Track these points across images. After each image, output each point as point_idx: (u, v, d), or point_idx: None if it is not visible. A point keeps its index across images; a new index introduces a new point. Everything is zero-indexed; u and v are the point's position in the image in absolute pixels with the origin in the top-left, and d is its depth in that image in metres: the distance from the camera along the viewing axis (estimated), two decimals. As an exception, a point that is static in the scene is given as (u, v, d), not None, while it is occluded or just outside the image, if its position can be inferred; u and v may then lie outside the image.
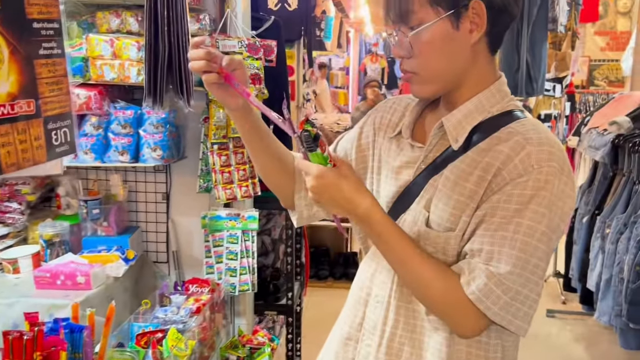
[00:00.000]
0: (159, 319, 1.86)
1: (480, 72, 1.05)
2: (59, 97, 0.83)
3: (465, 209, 1.01)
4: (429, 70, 1.02)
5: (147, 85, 1.81)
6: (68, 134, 0.85)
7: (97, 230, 2.29)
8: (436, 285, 0.99)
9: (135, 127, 2.13)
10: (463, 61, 1.02)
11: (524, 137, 0.98)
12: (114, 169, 2.37)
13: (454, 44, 0.99)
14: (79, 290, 2.01)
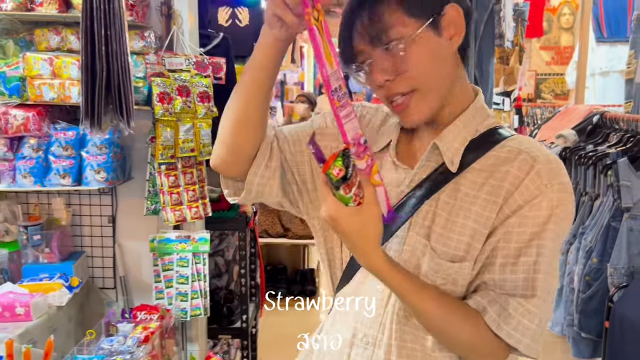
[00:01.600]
0: (104, 349, 1.78)
1: (462, 87, 1.02)
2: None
3: (475, 234, 0.95)
4: (428, 81, 0.95)
5: (85, 107, 1.73)
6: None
7: (39, 257, 2.17)
8: (465, 331, 0.93)
9: (77, 148, 2.04)
10: (452, 70, 0.98)
11: (530, 155, 0.95)
12: (57, 192, 2.26)
13: (441, 51, 0.95)
14: (18, 322, 1.90)
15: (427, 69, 0.94)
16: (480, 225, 0.95)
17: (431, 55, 0.94)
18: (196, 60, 2.20)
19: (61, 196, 2.27)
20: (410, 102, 0.96)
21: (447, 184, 0.98)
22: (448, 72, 0.97)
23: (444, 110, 1.00)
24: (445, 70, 0.97)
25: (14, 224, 2.25)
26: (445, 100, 0.99)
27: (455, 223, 0.96)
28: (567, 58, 6.32)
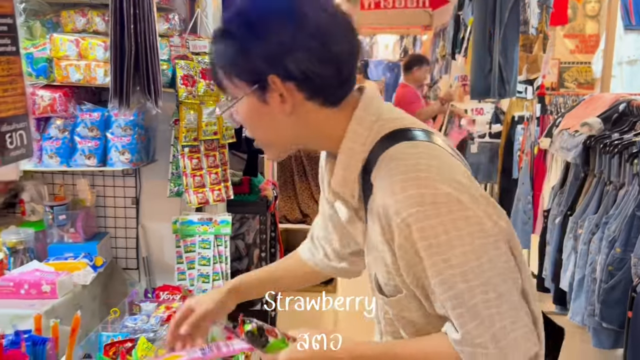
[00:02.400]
0: (128, 327, 1.80)
1: (327, 127, 1.01)
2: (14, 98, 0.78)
3: (389, 270, 0.98)
4: (258, 138, 1.04)
5: (113, 86, 1.75)
6: (24, 137, 0.80)
7: (64, 237, 2.21)
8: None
9: (102, 130, 2.06)
10: (291, 128, 1.00)
11: (382, 192, 0.92)
12: (81, 174, 2.29)
13: (268, 116, 0.98)
14: (44, 299, 1.93)
15: (254, 129, 1.03)
16: (387, 261, 0.98)
17: (257, 118, 1.00)
18: (220, 43, 2.20)
19: (85, 177, 2.30)
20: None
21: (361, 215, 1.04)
22: (286, 132, 1.00)
23: (321, 146, 1.06)
24: (280, 131, 1.00)
25: (40, 203, 2.28)
26: (307, 142, 1.05)
27: (376, 258, 1.01)
28: (592, 46, 6.21)
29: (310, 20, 0.92)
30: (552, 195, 3.52)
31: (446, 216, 0.87)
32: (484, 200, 0.92)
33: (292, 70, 0.92)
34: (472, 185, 0.94)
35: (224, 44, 0.96)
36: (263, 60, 0.92)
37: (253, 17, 0.93)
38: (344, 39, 0.96)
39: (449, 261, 0.88)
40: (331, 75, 0.95)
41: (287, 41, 0.91)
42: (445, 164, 0.93)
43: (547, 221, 3.52)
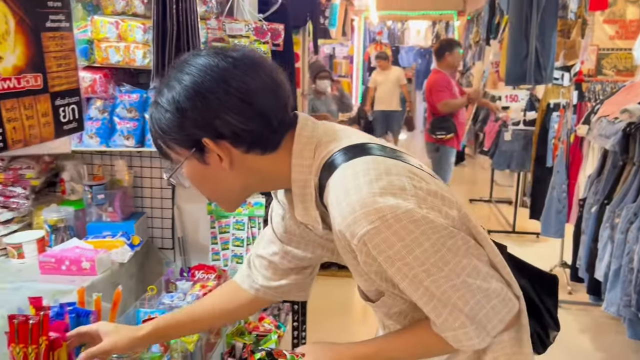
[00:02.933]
0: (165, 304, 1.84)
1: (272, 170, 1.05)
2: (67, 73, 0.80)
3: (365, 277, 1.09)
4: (209, 196, 1.12)
5: (155, 66, 1.77)
6: (76, 111, 0.82)
7: (102, 216, 2.26)
8: (433, 349, 1.10)
9: (140, 111, 2.10)
10: (237, 181, 1.05)
11: (336, 219, 0.98)
12: (119, 154, 2.34)
13: (212, 174, 1.03)
14: (84, 275, 1.99)
15: (202, 189, 1.08)
16: (360, 272, 1.08)
17: (201, 179, 1.05)
18: (255, 26, 2.21)
19: (123, 158, 2.34)
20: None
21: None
22: (233, 185, 1.06)
23: (273, 187, 1.13)
24: (226, 186, 1.06)
25: (80, 183, 2.34)
26: (258, 189, 1.11)
27: (353, 271, 1.11)
28: (633, 32, 6.02)
29: (231, 82, 0.96)
30: (589, 183, 3.46)
31: (396, 225, 0.92)
32: (431, 196, 0.97)
33: (222, 132, 0.97)
34: (417, 184, 0.97)
35: (157, 115, 1.00)
36: (194, 127, 0.97)
37: (178, 90, 0.97)
38: (266, 91, 0.99)
39: (410, 264, 0.94)
40: (262, 128, 0.99)
41: (213, 106, 0.96)
42: (383, 173, 0.96)
43: (582, 210, 3.46)
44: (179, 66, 1.00)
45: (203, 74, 0.96)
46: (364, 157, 0.99)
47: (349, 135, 1.06)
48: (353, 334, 3.66)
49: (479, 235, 1.03)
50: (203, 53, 0.99)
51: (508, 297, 1.03)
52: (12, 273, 2.02)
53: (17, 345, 1.16)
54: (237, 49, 1.02)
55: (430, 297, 0.97)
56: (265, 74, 0.99)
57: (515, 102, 5.49)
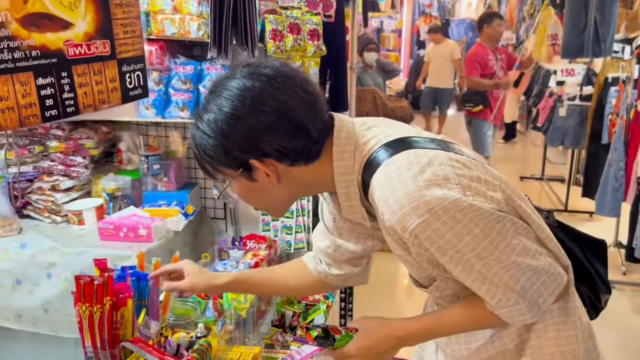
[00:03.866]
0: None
1: (318, 177, 1.07)
2: (133, 40, 0.82)
3: (415, 266, 1.11)
4: (258, 207, 1.19)
5: (212, 35, 1.79)
6: (141, 78, 0.84)
7: (157, 186, 2.33)
8: (484, 324, 1.12)
9: (195, 83, 2.13)
10: (285, 191, 1.08)
11: (385, 215, 0.99)
12: (174, 125, 2.39)
13: (260, 189, 1.07)
14: (141, 242, 2.06)
15: (251, 202, 1.14)
16: (411, 262, 1.10)
17: (249, 194, 1.10)
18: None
19: (177, 129, 2.40)
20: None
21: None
22: (279, 197, 1.10)
23: (321, 191, 1.17)
24: (273, 197, 1.10)
25: (136, 153, 2.41)
26: (310, 194, 1.19)
27: (403, 261, 1.13)
28: (701, 2, 5.68)
29: (269, 103, 0.97)
30: (649, 161, 3.32)
31: (444, 216, 0.94)
32: (475, 182, 0.98)
33: (267, 151, 1.00)
34: (460, 172, 0.98)
35: (201, 141, 1.02)
36: (239, 151, 1.00)
37: (219, 116, 0.98)
38: (303, 105, 1.00)
39: (461, 251, 0.97)
40: (303, 141, 1.01)
41: (255, 129, 0.98)
42: (426, 165, 0.97)
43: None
44: (215, 90, 1.02)
45: (241, 98, 0.97)
46: (405, 151, 1.00)
47: (385, 129, 1.08)
48: (398, 307, 3.67)
49: (524, 214, 1.04)
50: (237, 75, 1.00)
51: (557, 272, 1.04)
52: (73, 239, 2.12)
53: (84, 305, 1.22)
54: (268, 64, 1.02)
55: (483, 280, 0.99)
56: (299, 88, 1.01)
57: (572, 77, 5.29)
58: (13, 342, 2.14)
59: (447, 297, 1.17)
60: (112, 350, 1.25)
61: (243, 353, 1.56)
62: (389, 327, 1.12)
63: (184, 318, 1.62)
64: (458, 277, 1.01)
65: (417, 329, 1.12)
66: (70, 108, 0.76)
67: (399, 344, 1.12)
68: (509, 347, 1.15)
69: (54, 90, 0.74)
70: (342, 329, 1.12)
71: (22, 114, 0.72)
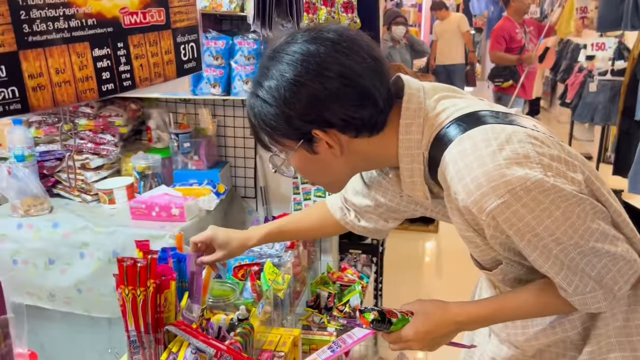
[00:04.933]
0: (254, 252, 1.85)
1: (381, 150, 1.02)
2: (187, 8, 0.76)
3: (482, 249, 1.05)
4: (317, 182, 1.12)
5: (256, 7, 1.73)
6: (195, 50, 0.79)
7: (188, 164, 2.29)
8: (551, 311, 1.07)
9: (226, 58, 2.07)
10: (346, 164, 1.03)
11: (459, 194, 0.93)
12: (203, 103, 2.34)
13: (321, 162, 1.01)
14: (173, 222, 2.03)
15: (309, 176, 1.10)
16: (478, 243, 1.04)
17: (309, 166, 1.03)
18: (342, -32, 2.12)
19: (207, 107, 2.34)
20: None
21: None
22: (340, 169, 1.04)
23: (383, 166, 1.12)
24: (334, 170, 1.04)
25: (165, 131, 2.37)
26: (370, 168, 1.15)
27: (467, 242, 1.07)
28: None
29: (334, 69, 0.91)
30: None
31: (525, 197, 0.88)
32: (555, 162, 0.92)
33: (332, 121, 0.94)
34: (540, 150, 0.91)
35: (260, 109, 0.96)
36: (303, 121, 0.94)
37: (281, 83, 0.92)
38: (369, 71, 0.94)
39: (540, 234, 0.91)
40: (370, 110, 0.95)
41: (320, 97, 0.92)
42: (505, 142, 0.90)
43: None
44: (275, 55, 0.95)
45: (305, 64, 0.92)
46: (480, 126, 0.93)
47: (456, 101, 1.01)
48: (426, 287, 3.64)
49: (602, 197, 0.98)
50: (299, 40, 0.94)
51: (633, 258, 0.97)
52: (105, 218, 2.09)
53: (126, 287, 1.18)
54: (331, 28, 0.96)
55: (560, 266, 0.94)
56: (365, 53, 0.94)
57: (602, 51, 5.14)
58: (47, 321, 2.13)
59: (508, 280, 1.11)
60: (156, 334, 1.22)
61: (283, 335, 1.52)
62: (448, 311, 1.07)
63: (223, 299, 1.59)
64: (534, 263, 0.96)
65: (478, 314, 1.07)
66: (127, 82, 0.71)
67: (458, 329, 1.08)
68: (570, 334, 1.10)
69: (110, 62, 0.68)
70: (398, 312, 1.07)
71: (78, 88, 0.67)
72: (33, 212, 2.09)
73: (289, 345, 1.46)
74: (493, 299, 1.12)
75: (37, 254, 2.02)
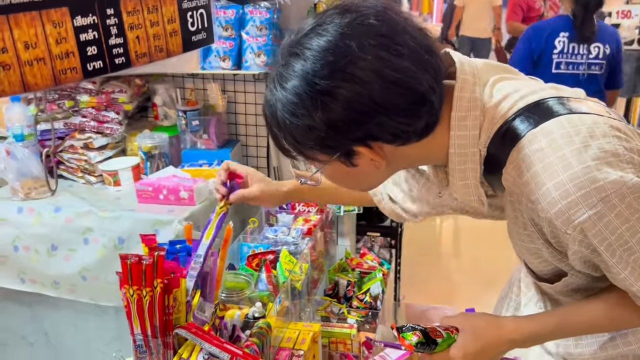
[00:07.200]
0: (269, 239, 1.73)
1: (428, 152, 0.86)
2: (194, -33, 0.63)
3: (545, 260, 0.93)
4: (353, 189, 1.05)
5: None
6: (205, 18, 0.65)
7: (197, 143, 2.15)
8: (622, 326, 0.95)
9: (237, 29, 1.92)
10: (385, 174, 0.90)
11: (539, 204, 0.78)
12: (212, 77, 2.19)
13: (358, 174, 0.86)
14: (182, 205, 1.90)
15: (347, 184, 0.95)
16: (544, 255, 0.92)
17: (344, 177, 0.89)
18: None
19: (216, 82, 2.19)
20: None
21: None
22: (380, 179, 0.92)
23: (428, 164, 0.96)
24: (375, 179, 0.92)
25: (172, 108, 2.23)
26: (407, 167, 1.00)
27: (527, 250, 0.95)
28: None
29: (381, 73, 0.73)
30: None
31: (620, 205, 0.74)
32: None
33: (378, 136, 0.78)
34: (627, 145, 0.76)
35: (284, 119, 0.78)
36: (339, 137, 0.78)
37: (312, 92, 0.74)
38: (422, 69, 0.75)
39: (632, 248, 0.77)
40: (425, 118, 0.78)
41: (363, 110, 0.74)
42: (588, 137, 0.75)
43: None
44: (300, 50, 0.76)
45: (343, 67, 0.73)
46: (554, 119, 0.77)
47: (517, 84, 0.84)
48: (444, 267, 3.52)
49: None
50: (330, 28, 0.74)
51: None
52: (110, 201, 1.97)
53: (131, 287, 1.06)
54: (370, 11, 0.75)
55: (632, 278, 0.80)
56: (417, 44, 0.75)
57: (628, 19, 4.89)
58: (53, 310, 2.04)
59: (568, 291, 0.98)
60: (165, 338, 1.10)
61: (302, 331, 1.41)
62: (501, 328, 0.93)
63: (237, 293, 1.47)
64: (623, 281, 0.81)
65: (537, 332, 0.93)
66: (120, 59, 0.57)
67: (511, 347, 0.94)
68: (633, 348, 0.97)
69: (97, 34, 0.54)
70: (442, 330, 0.94)
71: (56, 68, 0.54)
72: (34, 194, 1.97)
73: (308, 342, 1.35)
74: (554, 314, 0.98)
75: (39, 239, 1.91)
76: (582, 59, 2.90)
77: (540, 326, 0.93)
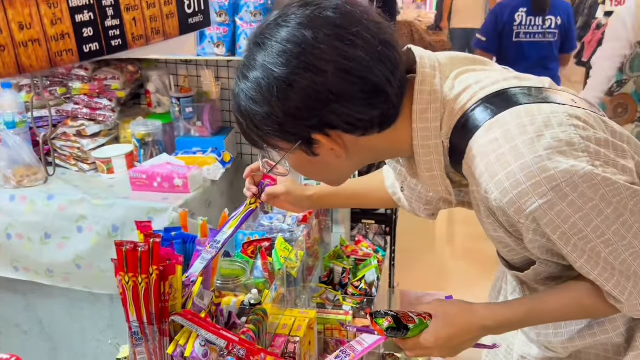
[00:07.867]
0: (264, 226, 1.73)
1: (391, 143, 0.88)
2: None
3: (511, 248, 0.94)
4: (316, 179, 1.03)
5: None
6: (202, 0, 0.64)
7: (191, 131, 2.14)
8: (593, 315, 0.95)
9: (231, 14, 1.90)
10: (350, 162, 0.90)
11: (492, 193, 0.78)
12: (205, 64, 2.17)
13: (320, 164, 0.88)
14: (176, 193, 1.90)
15: (311, 175, 0.97)
16: (509, 244, 0.93)
17: (307, 167, 0.91)
18: None
19: (210, 68, 2.18)
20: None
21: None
22: (344, 169, 0.93)
23: (394, 157, 1.00)
24: (338, 170, 0.93)
25: (166, 95, 2.21)
26: (379, 160, 1.00)
27: (495, 240, 0.96)
28: None
29: (335, 63, 0.75)
30: None
31: (572, 194, 0.74)
32: (603, 148, 0.77)
33: (334, 124, 0.80)
34: (584, 134, 0.75)
35: (247, 106, 0.82)
36: (298, 125, 0.80)
37: (269, 80, 0.77)
38: (378, 61, 0.77)
39: (588, 237, 0.78)
40: (381, 108, 0.81)
41: (318, 98, 0.77)
42: (543, 126, 0.75)
43: None
44: (262, 41, 0.79)
45: (299, 57, 0.75)
46: (512, 108, 0.78)
47: (478, 75, 0.85)
48: (438, 255, 3.54)
49: None
50: (291, 21, 0.77)
51: None
52: (103, 189, 1.95)
53: (126, 275, 1.06)
54: (330, 4, 0.78)
55: (612, 271, 0.81)
56: (373, 35, 0.78)
57: (622, 6, 4.90)
58: (47, 298, 2.03)
59: (541, 280, 0.98)
60: (161, 325, 1.10)
61: (297, 318, 1.41)
62: (474, 314, 0.93)
63: (232, 280, 1.47)
64: (580, 269, 0.82)
65: (509, 318, 0.94)
66: (116, 40, 0.56)
67: (484, 333, 0.95)
68: (611, 336, 0.97)
69: (93, 15, 0.53)
70: (414, 316, 0.94)
71: (51, 49, 0.53)
72: (26, 182, 1.96)
73: (304, 329, 1.35)
74: (525, 301, 0.99)
75: (32, 227, 1.90)
76: (538, 29, 3.56)
77: (512, 313, 0.93)
